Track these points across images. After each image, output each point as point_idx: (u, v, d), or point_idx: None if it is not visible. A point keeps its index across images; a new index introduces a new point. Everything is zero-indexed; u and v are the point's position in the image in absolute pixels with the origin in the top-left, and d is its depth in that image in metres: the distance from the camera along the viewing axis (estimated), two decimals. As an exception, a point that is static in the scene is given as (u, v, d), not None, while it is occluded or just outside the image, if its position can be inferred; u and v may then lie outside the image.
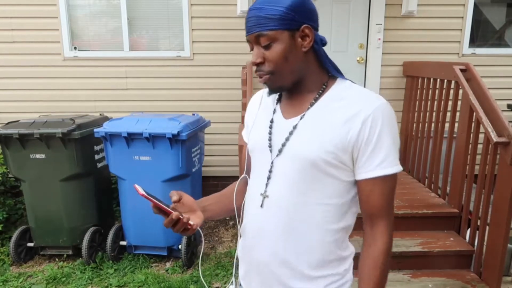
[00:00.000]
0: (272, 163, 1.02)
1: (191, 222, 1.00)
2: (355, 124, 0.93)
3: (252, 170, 1.10)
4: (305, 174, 0.96)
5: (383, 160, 0.93)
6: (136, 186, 0.96)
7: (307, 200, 0.98)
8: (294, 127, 0.99)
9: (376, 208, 0.97)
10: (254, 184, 1.07)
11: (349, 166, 0.96)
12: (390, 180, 0.96)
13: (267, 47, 0.94)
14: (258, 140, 1.06)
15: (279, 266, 1.02)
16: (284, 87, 0.99)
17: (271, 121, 1.05)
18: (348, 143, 0.93)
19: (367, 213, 0.99)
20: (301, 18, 0.93)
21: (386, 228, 0.98)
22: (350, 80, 1.02)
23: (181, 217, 0.97)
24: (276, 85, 0.98)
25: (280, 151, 1.00)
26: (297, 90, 1.02)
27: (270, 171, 1.02)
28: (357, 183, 0.98)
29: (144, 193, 0.93)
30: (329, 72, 1.02)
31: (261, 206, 1.03)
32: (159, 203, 0.95)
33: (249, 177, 1.14)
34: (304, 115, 0.99)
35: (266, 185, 1.02)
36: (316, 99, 0.99)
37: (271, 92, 1.01)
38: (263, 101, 1.13)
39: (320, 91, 1.00)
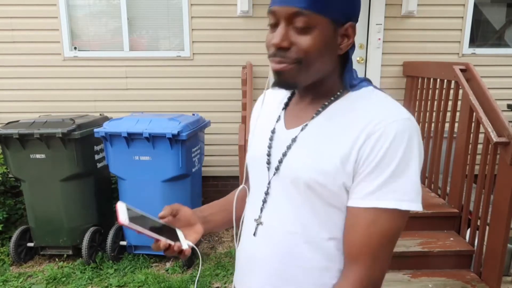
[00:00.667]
0: (269, 183, 0.84)
1: (184, 247, 0.88)
2: (359, 139, 0.73)
3: (251, 186, 0.94)
4: (304, 200, 0.79)
5: (379, 187, 0.71)
6: (118, 207, 0.79)
7: (307, 233, 0.80)
8: (293, 140, 0.81)
9: (354, 247, 0.75)
10: (249, 206, 0.92)
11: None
12: (386, 219, 0.72)
13: (302, 31, 0.72)
14: (256, 153, 0.88)
15: None
16: (300, 85, 0.79)
17: (273, 131, 0.86)
18: (349, 165, 0.74)
19: (344, 248, 0.78)
20: (349, 13, 0.74)
21: (359, 280, 0.74)
22: (374, 86, 0.83)
23: (172, 243, 0.85)
24: (294, 80, 0.77)
25: (277, 169, 0.82)
26: (309, 94, 0.84)
27: (267, 193, 0.85)
28: None
29: (125, 220, 0.77)
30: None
31: (254, 234, 0.87)
32: (143, 231, 0.80)
33: (248, 189, 0.97)
34: (306, 125, 0.81)
35: (261, 209, 0.86)
36: (324, 107, 0.80)
37: (281, 86, 0.79)
38: (264, 104, 0.95)
39: (332, 98, 0.81)
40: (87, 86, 3.96)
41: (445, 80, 3.14)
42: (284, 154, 0.81)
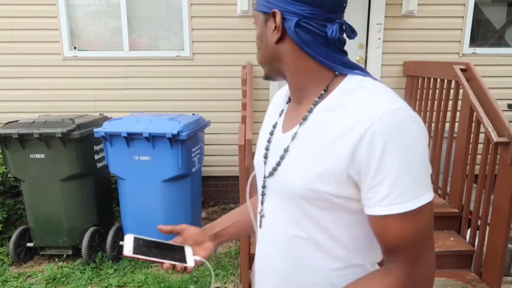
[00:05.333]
0: (264, 178, 0.85)
1: (188, 264, 0.92)
2: (348, 142, 0.69)
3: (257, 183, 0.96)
4: (299, 207, 0.77)
5: (386, 196, 0.67)
6: (125, 239, 0.91)
7: (306, 236, 0.79)
8: (285, 151, 0.79)
9: (392, 246, 0.71)
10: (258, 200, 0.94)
11: (355, 196, 0.73)
12: (409, 218, 0.68)
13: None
14: (258, 154, 0.91)
15: None
16: (267, 75, 0.88)
17: (271, 133, 0.87)
18: (341, 172, 0.70)
19: (382, 248, 0.75)
20: (270, 1, 0.77)
21: (405, 263, 0.70)
22: (363, 74, 0.77)
23: (175, 263, 0.90)
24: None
25: (271, 174, 0.83)
26: (295, 95, 0.82)
27: (264, 187, 0.86)
28: None
29: (128, 251, 0.87)
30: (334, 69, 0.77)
31: (260, 226, 0.89)
32: (146, 258, 0.89)
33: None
34: (296, 134, 0.78)
35: (262, 202, 0.88)
36: (310, 111, 0.77)
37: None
38: (277, 101, 0.95)
39: (318, 97, 0.77)
40: (86, 86, 3.96)
41: (446, 80, 3.14)
42: (278, 164, 0.81)
